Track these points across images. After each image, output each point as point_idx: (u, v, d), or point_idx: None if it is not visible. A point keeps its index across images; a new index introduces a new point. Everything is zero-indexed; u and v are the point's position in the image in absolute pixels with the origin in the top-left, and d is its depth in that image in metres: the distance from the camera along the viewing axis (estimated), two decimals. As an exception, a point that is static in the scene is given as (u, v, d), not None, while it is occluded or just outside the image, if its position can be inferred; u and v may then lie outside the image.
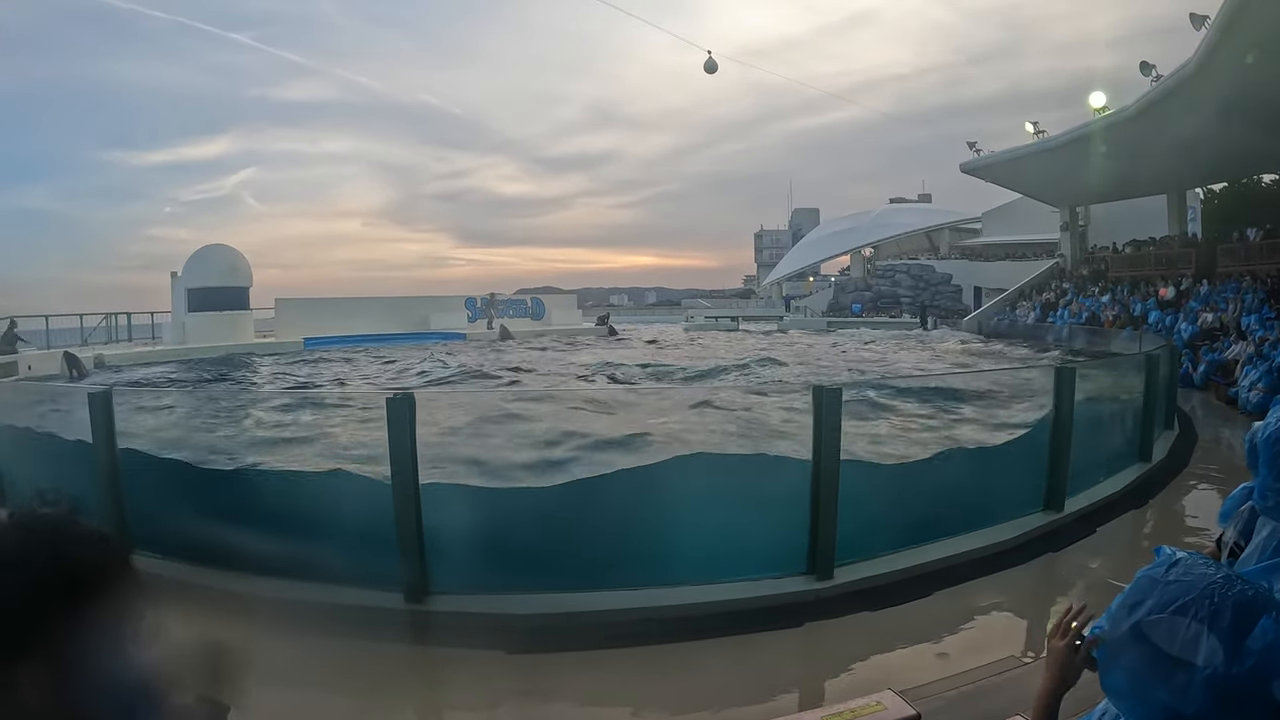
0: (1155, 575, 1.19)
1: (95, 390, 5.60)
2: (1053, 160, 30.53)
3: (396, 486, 4.58)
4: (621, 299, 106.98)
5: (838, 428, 4.83)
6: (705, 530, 4.95)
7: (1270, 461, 1.62)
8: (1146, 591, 1.18)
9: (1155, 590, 1.17)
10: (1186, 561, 1.19)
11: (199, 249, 27.87)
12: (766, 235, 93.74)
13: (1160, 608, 1.14)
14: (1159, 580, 1.18)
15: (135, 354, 23.28)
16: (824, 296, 51.24)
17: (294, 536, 4.80)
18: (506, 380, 17.23)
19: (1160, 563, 1.21)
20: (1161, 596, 1.15)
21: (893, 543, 5.29)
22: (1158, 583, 1.18)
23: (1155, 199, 31.21)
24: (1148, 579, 1.20)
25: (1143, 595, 1.18)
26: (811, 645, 4.38)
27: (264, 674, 3.90)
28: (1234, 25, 16.49)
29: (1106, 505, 6.73)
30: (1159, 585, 1.17)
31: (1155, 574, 1.20)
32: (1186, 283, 25.04)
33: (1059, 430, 6.29)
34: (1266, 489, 1.64)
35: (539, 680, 4.00)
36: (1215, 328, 19.45)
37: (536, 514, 5.09)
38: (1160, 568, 1.20)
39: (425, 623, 4.55)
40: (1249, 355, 14.90)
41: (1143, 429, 8.25)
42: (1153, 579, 1.19)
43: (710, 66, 27.47)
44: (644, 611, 4.51)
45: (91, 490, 5.39)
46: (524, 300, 37.69)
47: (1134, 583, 1.22)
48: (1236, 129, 21.29)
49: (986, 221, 50.13)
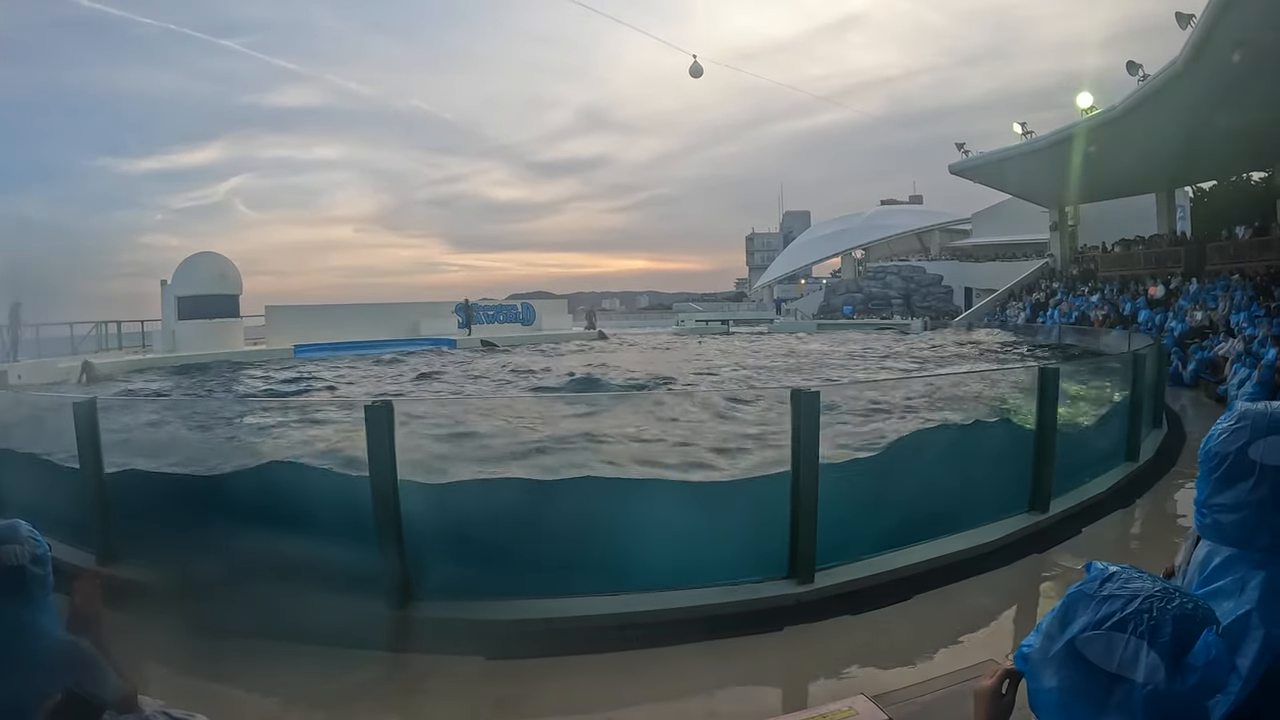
0: (1088, 590, 1.15)
1: (80, 400, 5.54)
2: (1041, 161, 30.64)
3: (376, 492, 4.55)
4: (614, 303, 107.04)
5: (816, 431, 4.80)
6: (684, 534, 4.93)
7: (1206, 477, 1.52)
8: (1080, 607, 1.14)
9: (1090, 606, 1.13)
10: (1121, 575, 1.15)
11: (189, 257, 27.70)
12: (758, 238, 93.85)
13: (1096, 624, 1.11)
14: (1093, 595, 1.14)
15: (125, 362, 23.14)
16: (815, 299, 51.30)
17: (276, 539, 4.76)
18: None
19: (1093, 578, 1.17)
20: (1097, 612, 1.11)
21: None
22: (1092, 598, 1.14)
23: (1144, 198, 31.37)
24: (1080, 594, 1.16)
25: (1076, 611, 1.14)
26: (791, 649, 4.34)
27: (241, 681, 3.87)
28: (1219, 23, 16.57)
29: (1093, 505, 6.71)
30: (1093, 601, 1.13)
31: (1088, 589, 1.16)
32: (1176, 281, 25.14)
33: (1043, 431, 6.27)
34: (1203, 506, 1.53)
35: (517, 686, 3.96)
36: (1205, 325, 19.51)
37: (508, 513, 5.05)
38: (1093, 583, 1.16)
39: (405, 629, 4.51)
40: (1238, 353, 14.94)
41: (1130, 428, 8.24)
42: (1086, 594, 1.15)
43: (696, 71, 27.55)
44: (622, 617, 4.46)
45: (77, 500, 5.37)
46: (514, 306, 37.58)
47: (1065, 599, 1.18)
48: (1224, 127, 21.38)
49: (977, 222, 50.31)
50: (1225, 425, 1.52)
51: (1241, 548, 1.47)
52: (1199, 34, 17.65)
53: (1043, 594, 5.27)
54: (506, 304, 38.07)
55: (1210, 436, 1.53)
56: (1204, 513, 1.53)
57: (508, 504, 5.12)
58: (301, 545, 4.68)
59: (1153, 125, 23.20)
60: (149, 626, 4.30)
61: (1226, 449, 1.48)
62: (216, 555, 4.86)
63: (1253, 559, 1.44)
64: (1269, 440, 1.43)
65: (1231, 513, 1.47)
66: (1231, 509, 1.46)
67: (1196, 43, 17.94)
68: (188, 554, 5.08)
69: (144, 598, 4.73)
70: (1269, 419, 1.46)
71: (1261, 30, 15.79)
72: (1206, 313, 20.72)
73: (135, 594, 4.78)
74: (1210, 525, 1.51)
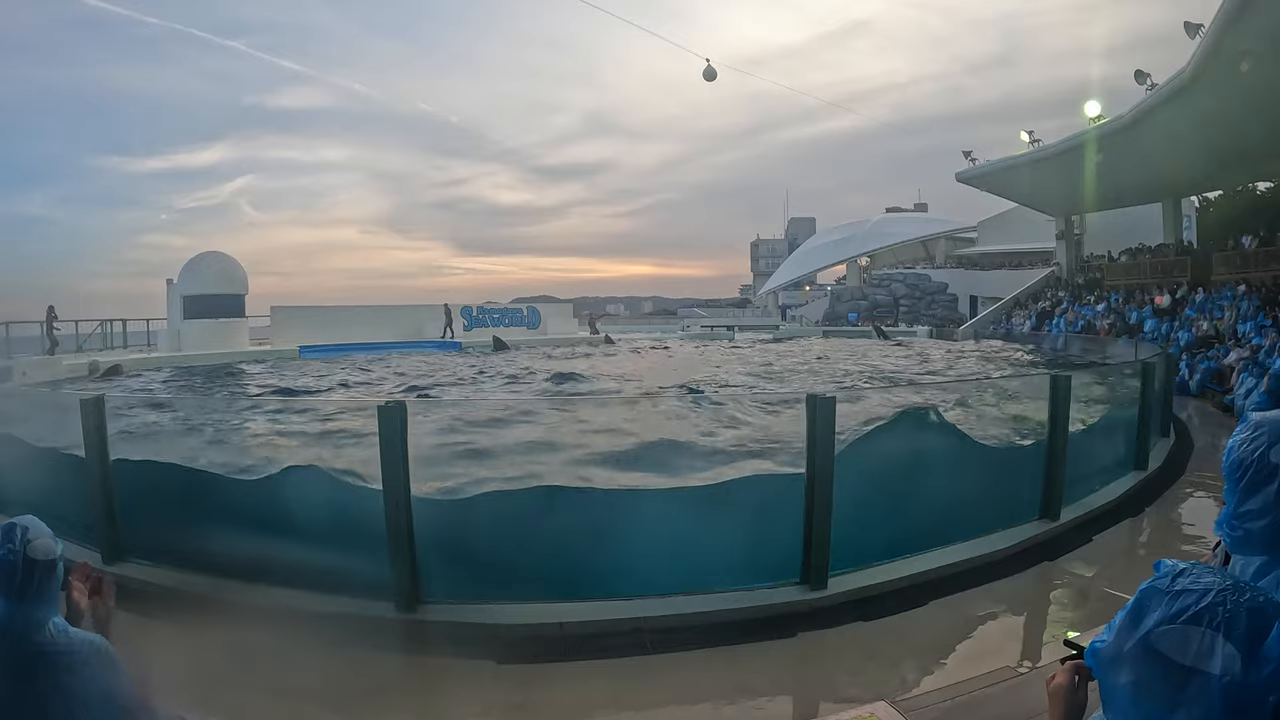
0: (1160, 586, 1.16)
1: (88, 397, 5.54)
2: (1048, 169, 30.62)
3: (388, 494, 4.54)
4: (618, 308, 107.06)
5: (831, 436, 4.80)
6: (697, 539, 4.92)
7: (1232, 489, 1.51)
8: (1152, 603, 1.15)
9: (1162, 601, 1.13)
10: (1192, 571, 1.16)
11: (195, 256, 27.83)
12: (763, 244, 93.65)
13: (1170, 618, 1.11)
14: (1165, 591, 1.14)
15: (131, 361, 23.19)
16: (820, 305, 51.26)
17: (284, 542, 4.77)
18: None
19: (1163, 574, 1.18)
20: (1170, 607, 1.12)
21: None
22: (1164, 593, 1.14)
23: (1150, 207, 31.36)
24: (1152, 590, 1.16)
25: (1149, 607, 1.15)
26: (805, 656, 4.32)
27: (254, 683, 3.86)
28: (1228, 34, 16.56)
29: (1103, 514, 6.70)
30: (1165, 596, 1.14)
31: (1160, 585, 1.16)
32: (1182, 290, 25.10)
33: (1054, 439, 6.26)
34: (1232, 518, 1.52)
35: (529, 691, 3.94)
36: (1211, 335, 19.47)
37: (522, 520, 5.04)
38: (1165, 579, 1.16)
39: (416, 632, 4.50)
40: (1244, 362, 14.93)
41: (1139, 437, 8.23)
42: (1158, 590, 1.16)
43: (709, 74, 27.45)
44: (635, 621, 4.45)
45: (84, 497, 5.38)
46: (519, 309, 37.59)
47: (1137, 596, 1.18)
48: (1231, 137, 21.37)
49: (982, 230, 50.24)
50: (1243, 435, 1.52)
51: (1272, 553, 1.47)
52: (1208, 44, 17.65)
53: (1055, 601, 5.25)
54: (511, 307, 38.11)
55: (1230, 449, 1.53)
56: (1234, 525, 1.53)
57: (520, 509, 5.12)
58: (309, 545, 4.71)
59: (1160, 135, 23.18)
60: (157, 626, 4.32)
61: (1248, 457, 1.48)
62: (219, 555, 4.88)
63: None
64: None
65: (1260, 519, 1.47)
66: (1259, 515, 1.46)
67: (1205, 53, 17.93)
68: (192, 554, 5.10)
69: (151, 597, 4.75)
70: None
71: (1270, 41, 15.79)
72: (1212, 322, 20.70)
73: (143, 593, 4.81)
74: (1241, 537, 1.51)
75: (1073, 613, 5.02)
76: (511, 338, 32.58)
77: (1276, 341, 15.14)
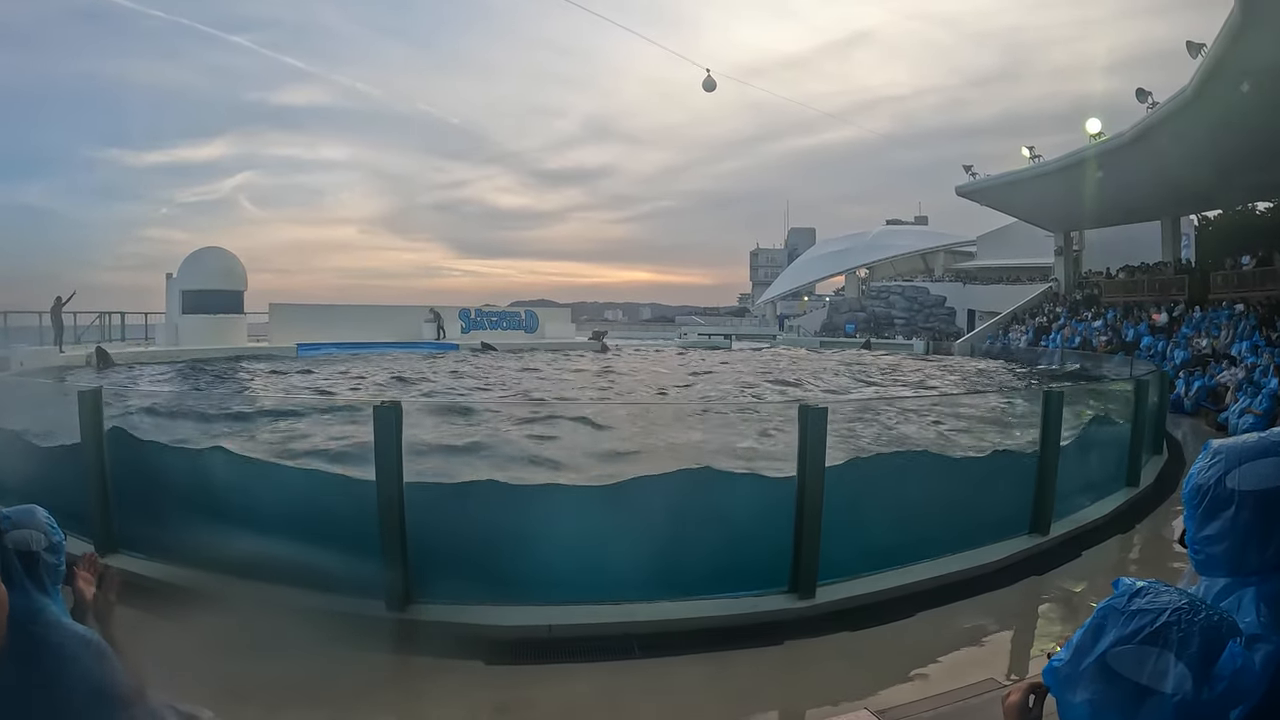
0: (1117, 605, 1.18)
1: (85, 389, 5.56)
2: (1048, 185, 30.73)
3: (381, 493, 4.56)
4: (616, 314, 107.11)
5: (822, 446, 4.82)
6: (686, 545, 4.94)
7: (1192, 514, 1.54)
8: (1110, 622, 1.17)
9: (1119, 621, 1.16)
10: (1149, 590, 1.18)
11: (194, 251, 27.89)
12: (762, 254, 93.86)
13: (1126, 638, 1.13)
14: (1122, 610, 1.17)
15: (128, 354, 23.18)
16: (818, 316, 51.29)
17: (278, 539, 4.78)
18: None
19: (1121, 593, 1.20)
20: (1126, 627, 1.14)
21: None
22: (1121, 613, 1.17)
23: (1149, 225, 31.45)
24: (1110, 609, 1.19)
25: (1107, 627, 1.17)
26: (791, 664, 4.34)
27: (243, 680, 3.87)
28: (1229, 54, 16.65)
29: (1093, 529, 6.73)
30: (1122, 615, 1.16)
31: (1117, 604, 1.18)
32: (1179, 309, 25.16)
33: (1046, 454, 6.29)
34: (1194, 543, 1.55)
35: (517, 691, 3.96)
36: (1207, 354, 19.53)
37: (513, 519, 5.06)
38: (1122, 598, 1.19)
39: (406, 632, 4.51)
40: (1240, 381, 14.99)
41: (1131, 454, 8.26)
42: (1115, 609, 1.18)
43: (709, 85, 27.56)
44: (623, 626, 4.48)
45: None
46: (518, 313, 37.61)
47: (1095, 614, 1.21)
48: (1231, 157, 21.45)
49: (981, 245, 50.32)
50: (1202, 463, 1.55)
51: (1234, 574, 1.50)
52: (1209, 64, 17.75)
53: (1042, 615, 5.28)
54: (510, 311, 38.12)
55: (1189, 476, 1.57)
56: (1196, 549, 1.56)
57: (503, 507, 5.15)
58: (301, 543, 4.71)
59: (1161, 153, 23.27)
60: (150, 620, 4.32)
61: (1206, 483, 1.51)
62: (211, 549, 4.88)
63: (1246, 582, 1.47)
64: (1243, 469, 1.46)
65: (1219, 543, 1.49)
66: (1218, 539, 1.49)
67: (1206, 72, 18.03)
68: (184, 548, 5.10)
69: (145, 591, 4.75)
70: (1241, 449, 1.49)
71: (1271, 62, 15.87)
72: (1209, 341, 20.76)
73: (136, 587, 4.80)
74: (1204, 560, 1.55)
75: (1059, 627, 5.04)
76: (509, 342, 32.63)
77: (1272, 361, 15.19)
